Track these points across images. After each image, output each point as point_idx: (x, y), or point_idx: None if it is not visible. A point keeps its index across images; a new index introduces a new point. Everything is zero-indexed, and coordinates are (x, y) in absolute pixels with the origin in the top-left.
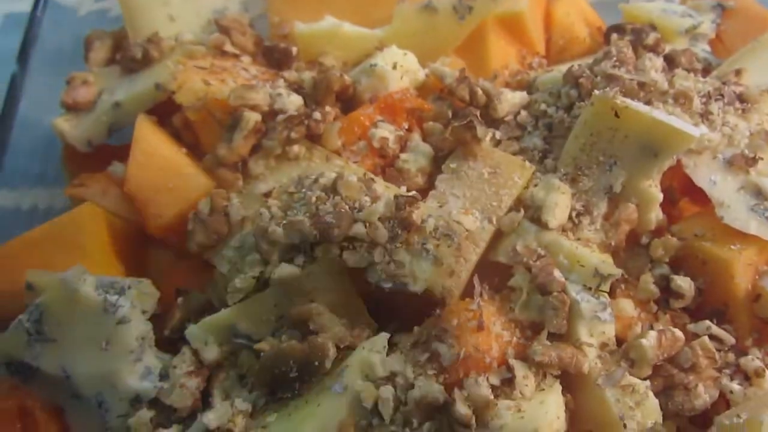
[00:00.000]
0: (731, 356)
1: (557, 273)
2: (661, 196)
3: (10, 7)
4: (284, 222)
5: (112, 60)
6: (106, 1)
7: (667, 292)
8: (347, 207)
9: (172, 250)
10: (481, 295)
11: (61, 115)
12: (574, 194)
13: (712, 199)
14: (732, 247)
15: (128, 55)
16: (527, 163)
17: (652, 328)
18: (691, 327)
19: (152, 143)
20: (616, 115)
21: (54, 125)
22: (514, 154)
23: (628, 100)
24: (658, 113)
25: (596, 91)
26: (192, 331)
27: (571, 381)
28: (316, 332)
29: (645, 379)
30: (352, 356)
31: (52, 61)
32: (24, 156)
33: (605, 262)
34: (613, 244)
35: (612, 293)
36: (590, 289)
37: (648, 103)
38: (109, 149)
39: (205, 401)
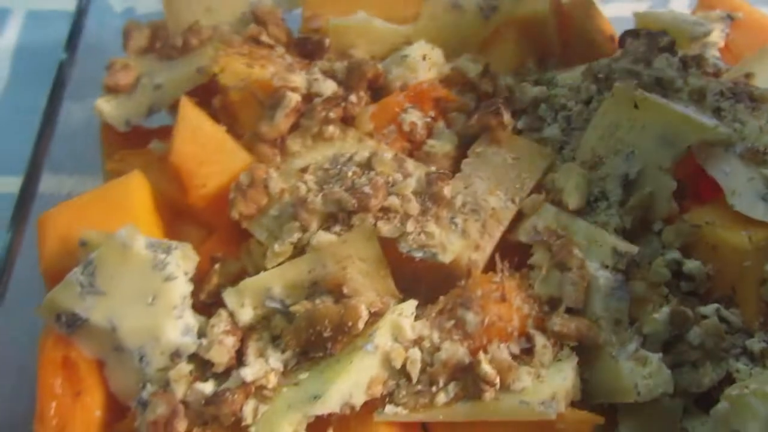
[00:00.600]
0: (738, 338)
1: (576, 251)
2: (674, 185)
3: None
4: (324, 192)
5: (150, 49)
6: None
7: (678, 276)
8: (382, 180)
9: (203, 226)
10: (502, 270)
11: (102, 96)
12: (591, 181)
13: (724, 188)
14: (742, 232)
15: (169, 42)
16: (549, 149)
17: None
18: (700, 309)
19: (196, 120)
20: (636, 106)
21: (95, 106)
22: None
23: (647, 93)
24: (675, 105)
25: (617, 83)
26: (229, 293)
27: (586, 353)
28: (349, 296)
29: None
30: (383, 320)
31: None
32: (63, 142)
33: (622, 242)
34: (627, 227)
35: (626, 276)
36: (607, 267)
37: (664, 97)
38: (145, 131)
39: (239, 361)
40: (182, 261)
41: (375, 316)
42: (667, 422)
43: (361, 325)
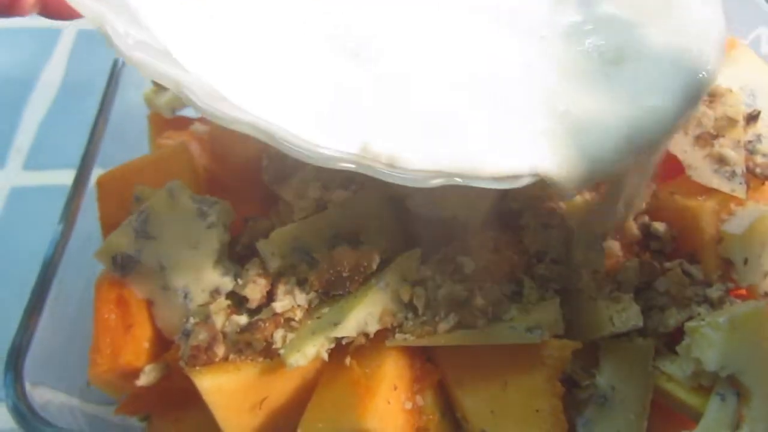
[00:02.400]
0: (700, 289)
1: (558, 212)
2: None
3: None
4: None
5: None
6: None
7: (647, 237)
8: None
9: (237, 196)
10: (497, 228)
11: (150, 88)
12: None
13: (684, 162)
14: (699, 198)
15: None
16: None
17: None
18: (667, 264)
19: None
20: None
21: (144, 96)
22: None
23: None
24: None
25: None
26: (261, 243)
27: (568, 297)
28: (364, 243)
29: None
30: (393, 262)
31: None
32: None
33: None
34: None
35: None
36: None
37: None
38: (187, 119)
39: (269, 301)
40: (221, 214)
41: (386, 263)
42: (641, 359)
43: (374, 265)
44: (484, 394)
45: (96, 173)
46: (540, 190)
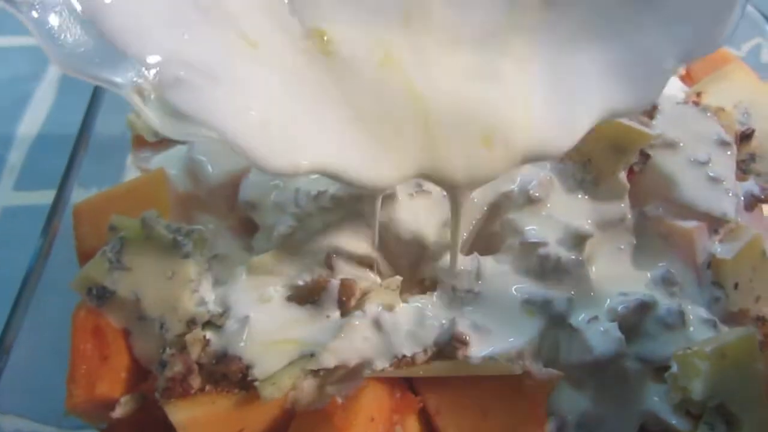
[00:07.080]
0: None
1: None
2: (628, 186)
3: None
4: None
5: None
6: None
7: None
8: None
9: (214, 216)
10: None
11: (133, 112)
12: None
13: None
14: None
15: None
16: None
17: None
18: None
19: None
20: None
21: (127, 119)
22: None
23: None
24: (623, 119)
25: None
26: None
27: (553, 325)
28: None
29: None
30: (372, 291)
31: None
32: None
33: (575, 221)
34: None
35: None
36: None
37: None
38: (168, 141)
39: None
40: (197, 243)
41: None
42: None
43: (353, 302)
44: (465, 423)
45: (79, 195)
46: None
